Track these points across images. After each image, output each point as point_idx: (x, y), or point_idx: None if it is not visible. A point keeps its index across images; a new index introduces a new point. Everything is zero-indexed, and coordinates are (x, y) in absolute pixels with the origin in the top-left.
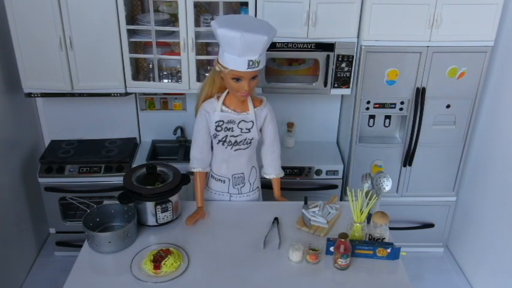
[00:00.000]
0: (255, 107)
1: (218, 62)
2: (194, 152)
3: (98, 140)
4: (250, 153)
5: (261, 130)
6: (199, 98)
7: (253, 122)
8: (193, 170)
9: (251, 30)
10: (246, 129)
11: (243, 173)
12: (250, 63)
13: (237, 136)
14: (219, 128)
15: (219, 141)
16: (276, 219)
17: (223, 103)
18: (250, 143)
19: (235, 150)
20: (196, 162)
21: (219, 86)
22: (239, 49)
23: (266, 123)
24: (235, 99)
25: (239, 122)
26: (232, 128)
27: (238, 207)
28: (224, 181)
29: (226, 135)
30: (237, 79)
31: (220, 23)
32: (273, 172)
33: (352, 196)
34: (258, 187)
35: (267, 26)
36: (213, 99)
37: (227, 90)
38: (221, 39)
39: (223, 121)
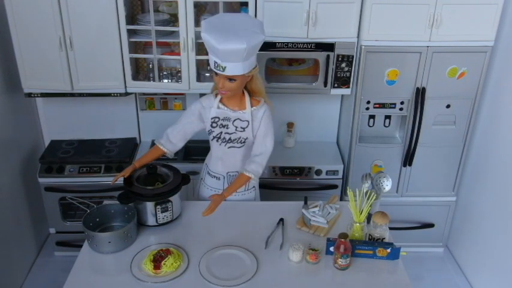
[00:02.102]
0: (252, 106)
1: None
2: (169, 131)
3: (98, 140)
4: (245, 152)
5: None
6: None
7: (248, 122)
8: (156, 143)
9: (220, 36)
10: (241, 128)
11: (237, 172)
12: (215, 64)
13: (231, 134)
14: (214, 124)
15: (214, 137)
16: (281, 220)
17: (221, 101)
18: (244, 142)
19: (229, 147)
20: (165, 139)
21: None
22: (209, 46)
23: (260, 123)
24: (233, 97)
25: (234, 120)
26: (227, 125)
27: (239, 207)
28: (219, 178)
29: (221, 132)
30: (216, 73)
31: (207, 23)
32: (246, 167)
33: (352, 196)
34: (254, 186)
35: (245, 34)
36: (211, 95)
37: None
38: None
39: (218, 118)
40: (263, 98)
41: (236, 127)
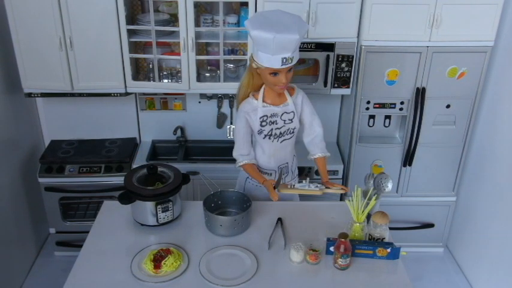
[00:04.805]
0: (291, 96)
1: (254, 60)
2: (238, 151)
3: (98, 140)
4: (293, 142)
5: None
6: (237, 99)
7: (294, 112)
8: (240, 164)
9: (283, 31)
10: (289, 119)
11: (287, 163)
12: (284, 60)
13: (281, 128)
14: (264, 123)
15: (265, 135)
16: (279, 219)
17: (263, 100)
18: (293, 132)
19: (282, 141)
20: (242, 158)
21: (254, 84)
22: (272, 49)
23: (303, 108)
24: (272, 94)
25: (282, 114)
26: (276, 121)
27: None
28: (271, 174)
29: (272, 129)
30: (275, 73)
31: (254, 25)
32: (316, 150)
33: (358, 196)
34: (297, 175)
35: (298, 22)
36: (250, 99)
37: (263, 87)
38: (255, 40)
39: (266, 116)
40: (294, 84)
41: (284, 120)
